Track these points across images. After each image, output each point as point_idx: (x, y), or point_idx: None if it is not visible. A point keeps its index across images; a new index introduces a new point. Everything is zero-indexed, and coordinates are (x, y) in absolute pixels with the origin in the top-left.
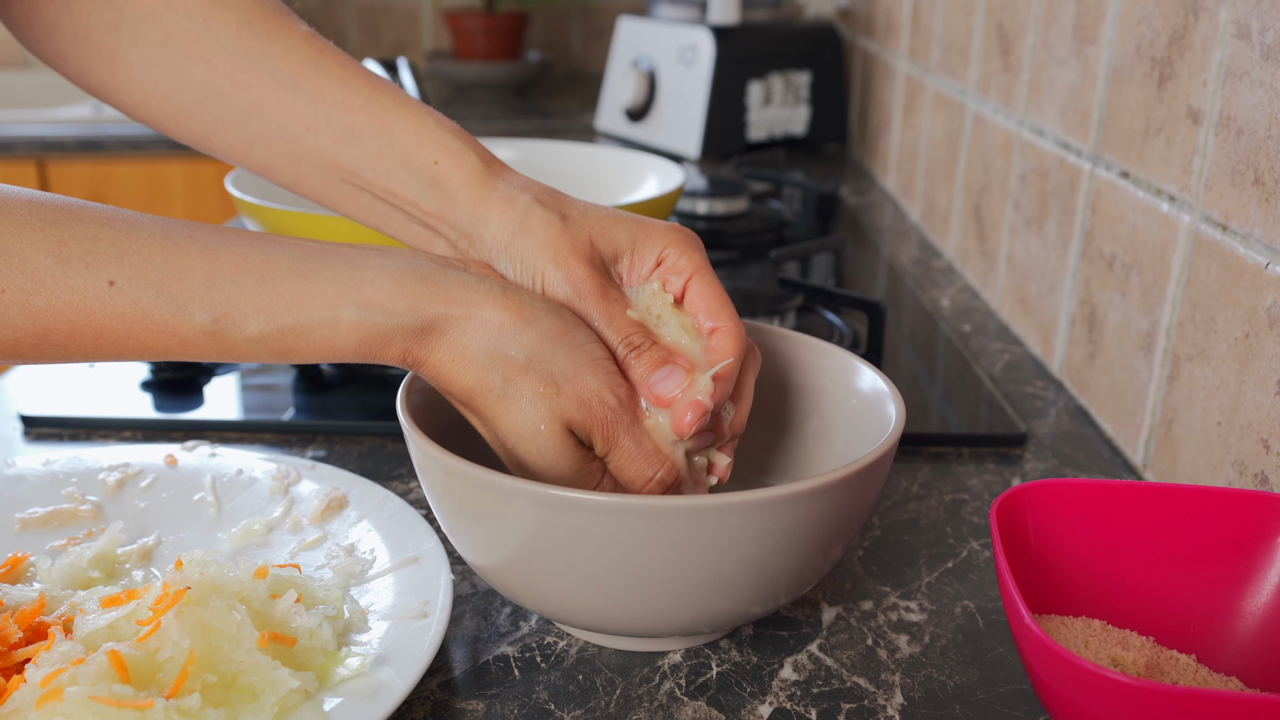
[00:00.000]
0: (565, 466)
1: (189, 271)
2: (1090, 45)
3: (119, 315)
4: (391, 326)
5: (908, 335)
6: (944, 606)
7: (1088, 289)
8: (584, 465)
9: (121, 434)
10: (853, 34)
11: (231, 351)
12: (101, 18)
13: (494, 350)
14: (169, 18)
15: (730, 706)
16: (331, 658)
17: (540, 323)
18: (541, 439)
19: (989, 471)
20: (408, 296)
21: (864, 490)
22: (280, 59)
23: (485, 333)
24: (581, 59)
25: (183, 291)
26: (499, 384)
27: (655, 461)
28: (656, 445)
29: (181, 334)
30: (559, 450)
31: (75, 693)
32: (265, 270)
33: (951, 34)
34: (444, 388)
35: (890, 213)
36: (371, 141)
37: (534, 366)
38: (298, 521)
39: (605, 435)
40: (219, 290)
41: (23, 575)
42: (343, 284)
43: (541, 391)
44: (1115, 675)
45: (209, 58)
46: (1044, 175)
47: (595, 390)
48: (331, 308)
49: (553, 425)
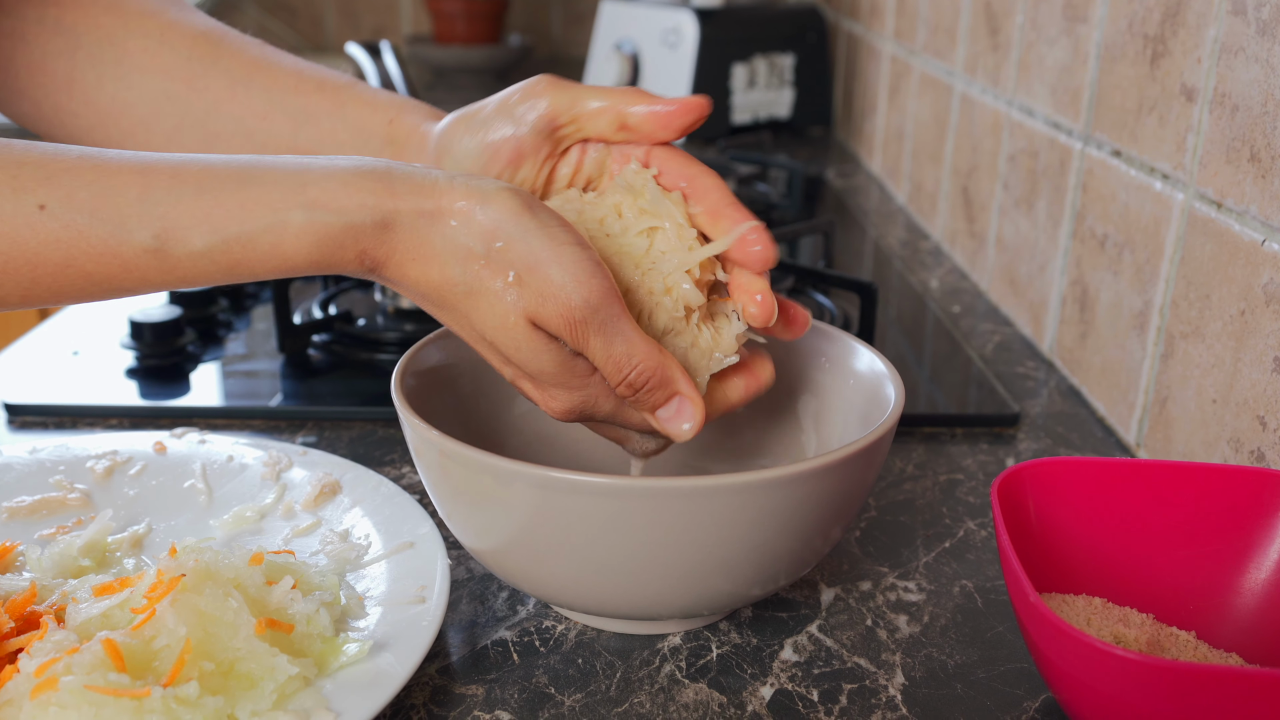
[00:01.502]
0: (545, 362)
1: (123, 188)
2: (1081, 24)
3: (53, 241)
4: (342, 225)
5: (896, 317)
6: (942, 586)
7: (1079, 269)
8: (567, 362)
9: (108, 422)
10: (837, 16)
11: (177, 270)
12: (56, 45)
13: (451, 241)
14: (124, 37)
15: (731, 688)
16: (329, 644)
17: (493, 202)
18: (514, 335)
19: (983, 452)
20: (357, 193)
21: (863, 471)
22: (233, 60)
23: (440, 223)
24: (563, 43)
25: (119, 209)
26: (462, 277)
27: (626, 364)
28: (629, 347)
29: (122, 255)
30: (533, 346)
31: (71, 682)
32: (203, 180)
33: (938, 15)
34: (411, 289)
35: (876, 195)
36: (325, 119)
37: (493, 256)
38: (290, 508)
39: (571, 335)
40: (156, 204)
41: (12, 564)
42: (287, 186)
43: (508, 282)
44: (1122, 652)
45: (166, 68)
46: (1034, 155)
47: (559, 285)
48: (277, 212)
49: (519, 320)
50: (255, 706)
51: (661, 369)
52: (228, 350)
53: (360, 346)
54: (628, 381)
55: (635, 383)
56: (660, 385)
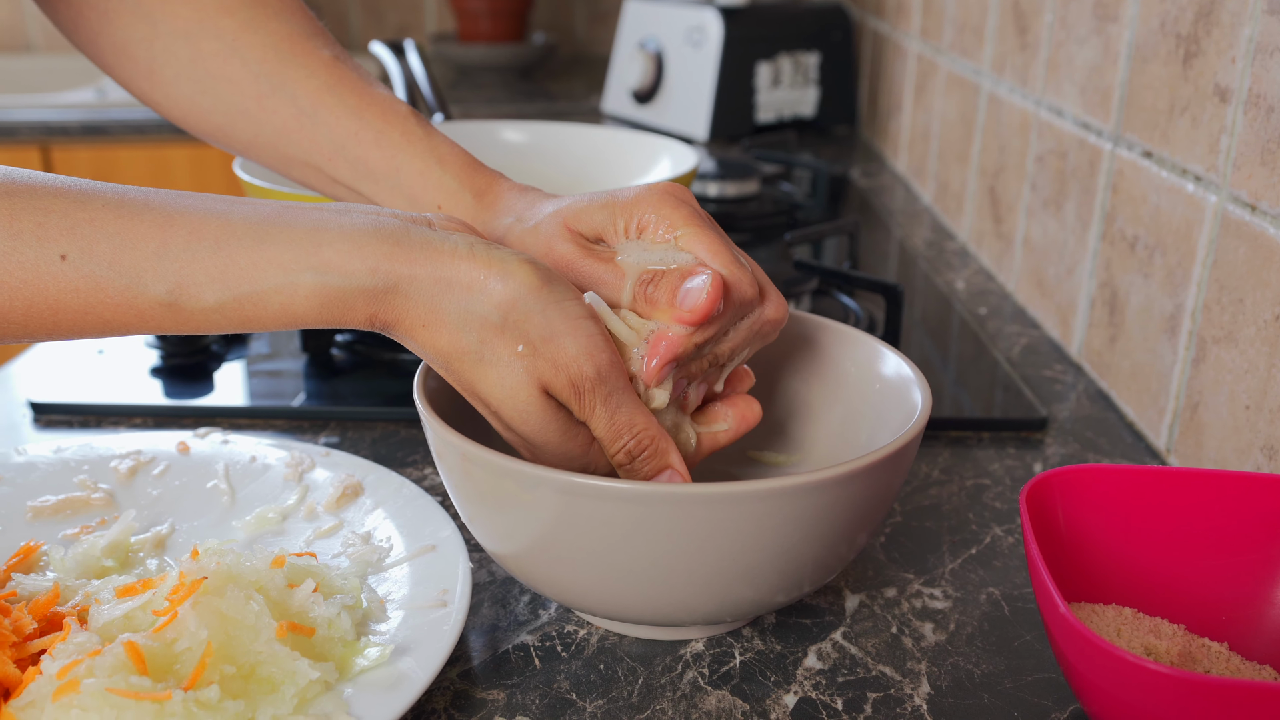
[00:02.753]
0: (549, 431)
1: (142, 241)
2: (1111, 23)
3: (73, 290)
4: (351, 289)
5: (921, 318)
6: (969, 593)
7: (1108, 271)
8: (569, 430)
9: (132, 421)
10: (862, 14)
11: (190, 323)
12: (139, 31)
13: (465, 310)
14: (199, 36)
15: (755, 696)
16: (351, 648)
17: (514, 276)
18: (522, 404)
19: (1010, 456)
20: (368, 257)
21: (890, 477)
22: (300, 85)
23: (455, 292)
24: (587, 41)
25: (136, 263)
26: (474, 346)
27: (627, 431)
28: (631, 416)
29: (138, 307)
30: (541, 415)
31: (92, 685)
32: (220, 236)
33: (965, 13)
34: (420, 351)
35: (901, 195)
36: (383, 180)
37: (509, 326)
38: (313, 509)
39: (580, 404)
40: (173, 260)
41: (35, 565)
42: (300, 246)
43: (519, 353)
44: (1153, 665)
45: (235, 80)
46: (1062, 156)
47: (572, 356)
48: (288, 273)
49: (531, 390)
50: (276, 711)
51: (657, 440)
52: (251, 350)
53: (384, 346)
54: (626, 449)
55: (634, 450)
56: (655, 455)
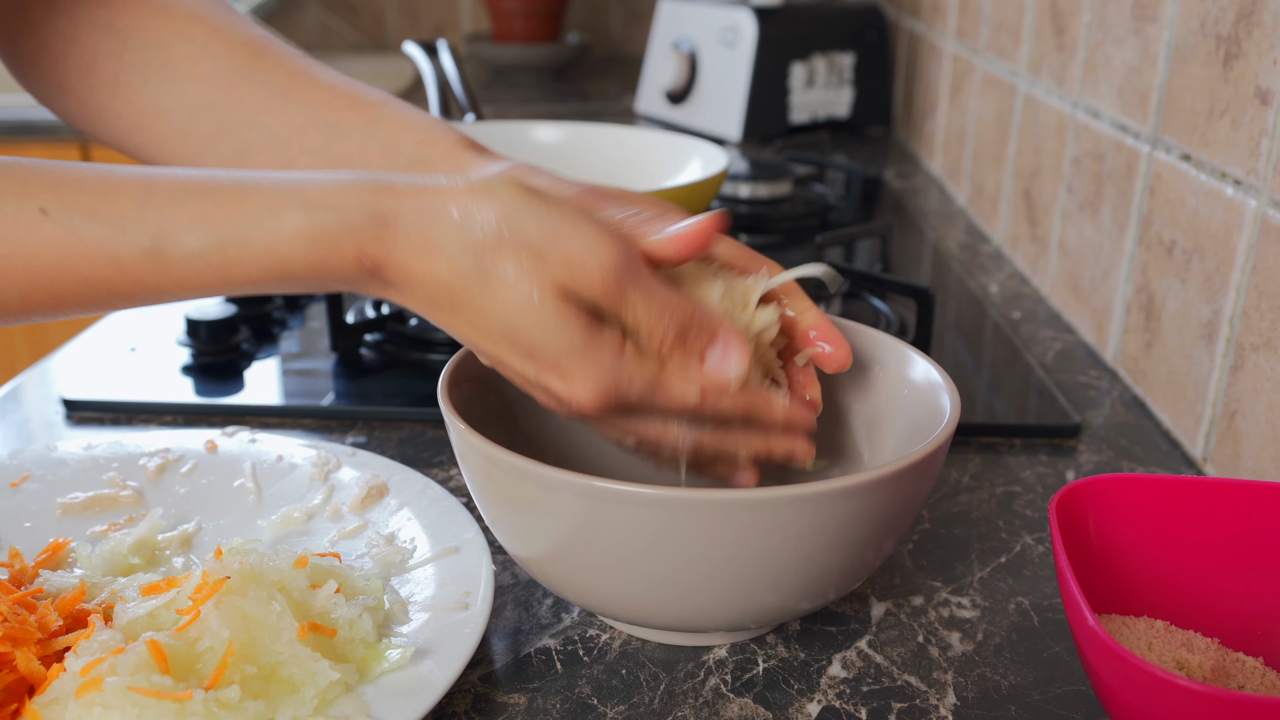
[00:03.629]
0: (574, 338)
1: (125, 193)
2: (1150, 23)
3: (51, 243)
4: (339, 223)
5: (954, 322)
6: (997, 603)
7: (1145, 275)
8: (594, 334)
9: (162, 418)
10: (898, 14)
11: (173, 273)
12: (106, 48)
13: (459, 233)
14: (170, 42)
15: (778, 704)
16: (372, 649)
17: (501, 194)
18: (539, 314)
19: (1042, 464)
20: (355, 193)
21: (917, 484)
22: (272, 72)
23: (445, 218)
24: (621, 41)
25: (118, 211)
26: (475, 267)
27: (667, 309)
28: (665, 294)
29: (119, 257)
30: (559, 320)
31: (115, 683)
32: (204, 187)
33: (1002, 13)
34: (418, 289)
35: (936, 197)
36: (356, 134)
37: (506, 239)
38: (338, 509)
39: (607, 294)
40: (155, 209)
41: (63, 561)
42: (286, 190)
43: (524, 263)
44: (1185, 681)
45: (206, 75)
46: (1099, 158)
47: (586, 248)
48: (274, 211)
49: (545, 294)
50: (296, 712)
51: (698, 313)
52: (281, 349)
53: (412, 346)
54: (674, 325)
55: (683, 323)
56: (702, 325)
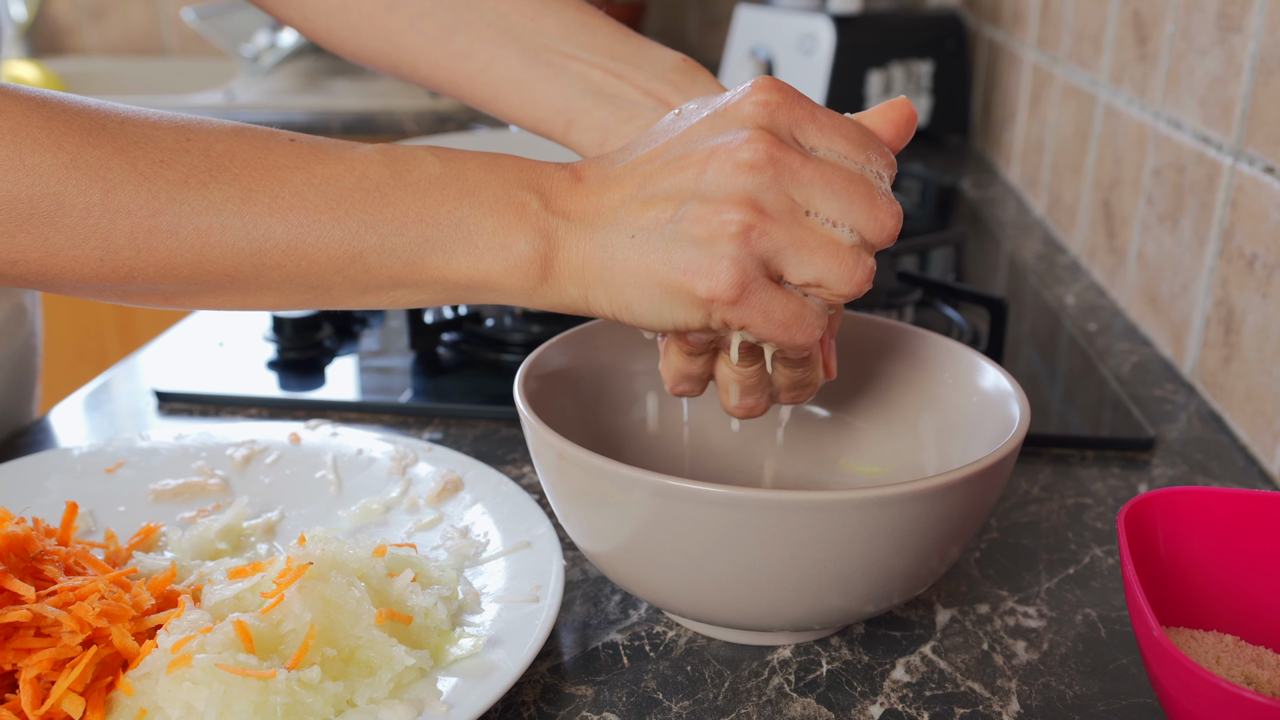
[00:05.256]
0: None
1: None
2: (1235, 34)
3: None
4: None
5: (1029, 333)
6: (1064, 614)
7: (1225, 289)
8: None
9: (248, 411)
10: (978, 22)
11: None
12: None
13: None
14: None
15: (840, 705)
16: (445, 637)
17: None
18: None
19: (1114, 476)
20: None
21: (985, 491)
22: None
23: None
24: (699, 47)
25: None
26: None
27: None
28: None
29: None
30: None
31: (203, 660)
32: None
33: (1083, 22)
34: (609, 158)
35: (1013, 207)
36: (604, 35)
37: (652, 196)
38: (414, 502)
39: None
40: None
41: (155, 544)
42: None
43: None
44: (1252, 695)
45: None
46: (1180, 170)
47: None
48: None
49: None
50: (373, 694)
51: None
52: (362, 346)
53: (488, 346)
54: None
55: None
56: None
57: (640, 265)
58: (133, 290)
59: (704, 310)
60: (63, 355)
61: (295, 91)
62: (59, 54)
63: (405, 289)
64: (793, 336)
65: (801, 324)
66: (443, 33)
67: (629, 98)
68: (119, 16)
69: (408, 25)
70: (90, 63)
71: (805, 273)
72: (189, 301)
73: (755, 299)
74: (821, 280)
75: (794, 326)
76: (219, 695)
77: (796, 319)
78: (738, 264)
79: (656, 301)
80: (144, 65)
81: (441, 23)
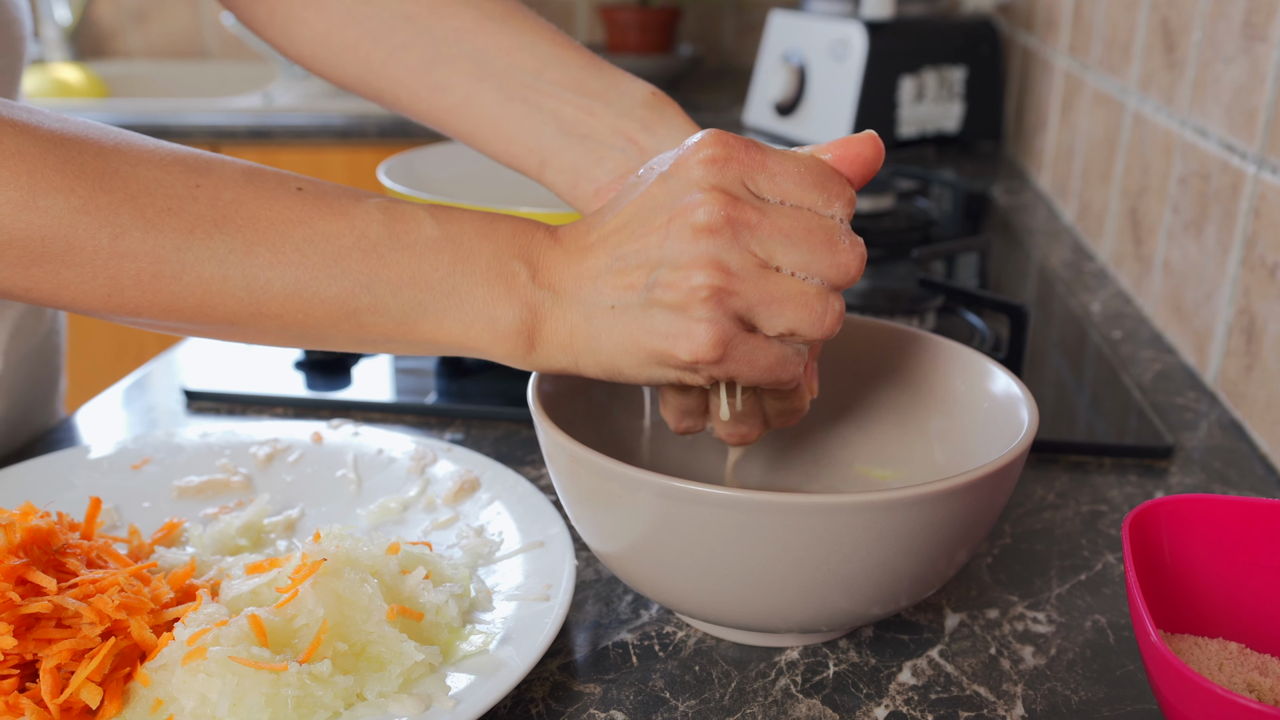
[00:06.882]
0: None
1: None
2: (1260, 42)
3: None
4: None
5: (1056, 340)
6: (1074, 620)
7: (1247, 298)
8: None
9: (274, 410)
10: (1011, 29)
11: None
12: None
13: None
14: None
15: (845, 707)
16: (456, 634)
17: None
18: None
19: (1130, 484)
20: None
21: (991, 496)
22: (489, 2)
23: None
24: (733, 53)
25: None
26: (637, 177)
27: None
28: None
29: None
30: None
31: (218, 652)
32: None
33: (1114, 29)
34: (584, 222)
35: (1043, 214)
36: (576, 70)
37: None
38: (432, 501)
39: (744, 151)
40: None
41: (177, 539)
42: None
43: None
44: (1250, 703)
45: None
46: (1205, 178)
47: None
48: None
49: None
50: (382, 688)
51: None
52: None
53: None
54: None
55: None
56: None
57: (624, 334)
58: (142, 323)
59: (690, 370)
60: (102, 352)
61: (332, 95)
62: (102, 57)
63: (398, 344)
64: (778, 377)
65: (785, 365)
66: (423, 65)
67: (599, 137)
68: (161, 20)
69: (388, 56)
70: (133, 65)
71: (778, 324)
72: (195, 334)
73: (737, 353)
74: (794, 329)
75: (778, 369)
76: (232, 687)
77: (780, 362)
78: (714, 325)
79: (644, 365)
80: (185, 68)
81: (422, 55)
